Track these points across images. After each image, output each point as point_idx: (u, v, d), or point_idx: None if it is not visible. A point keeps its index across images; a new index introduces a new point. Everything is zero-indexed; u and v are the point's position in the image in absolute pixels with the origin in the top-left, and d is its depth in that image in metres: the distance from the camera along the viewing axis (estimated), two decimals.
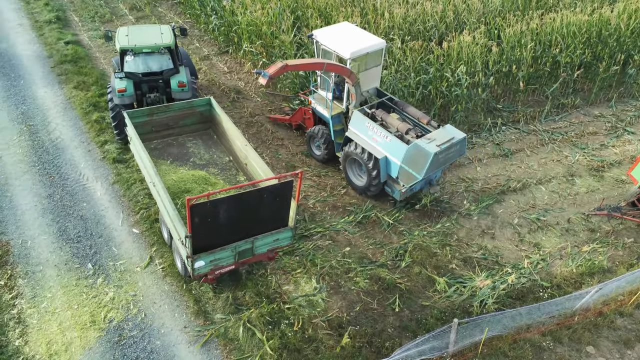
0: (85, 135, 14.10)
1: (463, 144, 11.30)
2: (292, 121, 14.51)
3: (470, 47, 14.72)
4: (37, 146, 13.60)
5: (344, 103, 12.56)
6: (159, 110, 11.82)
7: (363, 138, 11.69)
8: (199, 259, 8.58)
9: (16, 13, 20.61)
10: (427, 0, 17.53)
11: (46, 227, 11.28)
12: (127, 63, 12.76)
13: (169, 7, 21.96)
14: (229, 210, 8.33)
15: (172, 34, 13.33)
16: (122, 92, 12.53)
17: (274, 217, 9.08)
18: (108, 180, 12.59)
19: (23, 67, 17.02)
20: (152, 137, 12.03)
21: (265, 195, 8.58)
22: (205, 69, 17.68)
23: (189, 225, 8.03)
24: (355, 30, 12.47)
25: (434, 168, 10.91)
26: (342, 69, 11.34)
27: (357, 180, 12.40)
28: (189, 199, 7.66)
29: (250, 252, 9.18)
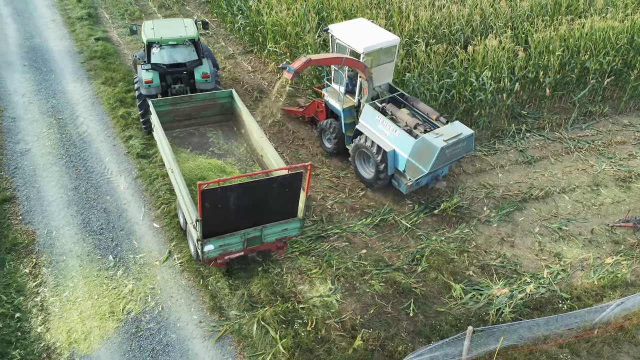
0: (111, 130, 14.43)
1: (470, 141, 11.39)
2: (305, 114, 14.76)
3: (496, 51, 14.52)
4: (65, 139, 13.99)
5: (356, 97, 12.76)
6: (182, 100, 12.24)
7: (373, 131, 11.91)
8: (209, 243, 8.90)
9: (50, 9, 21.23)
10: (454, 4, 17.36)
11: (71, 218, 11.60)
12: (153, 55, 13.23)
13: (197, 6, 22.29)
14: (239, 197, 8.60)
15: (195, 27, 13.80)
16: (149, 82, 12.98)
17: (283, 208, 9.29)
18: (131, 175, 12.87)
19: (54, 62, 17.53)
20: (174, 125, 12.49)
21: (275, 185, 8.81)
22: (229, 67, 17.89)
23: (199, 209, 8.33)
24: (370, 25, 12.68)
25: (440, 163, 11.07)
26: (358, 63, 11.59)
27: (365, 173, 12.62)
28: (200, 184, 7.97)
29: (259, 240, 9.45)
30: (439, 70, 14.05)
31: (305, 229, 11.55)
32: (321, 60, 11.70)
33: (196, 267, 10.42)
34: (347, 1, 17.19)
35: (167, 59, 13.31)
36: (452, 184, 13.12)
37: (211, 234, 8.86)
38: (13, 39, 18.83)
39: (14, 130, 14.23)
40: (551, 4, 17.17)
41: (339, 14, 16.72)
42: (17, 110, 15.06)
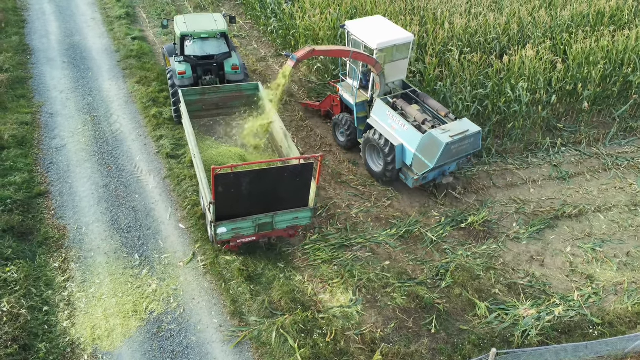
0: (143, 129, 14.70)
1: (477, 138, 11.50)
2: (322, 107, 15.07)
3: (533, 62, 14.09)
4: (99, 137, 14.33)
5: (369, 92, 13.02)
6: (211, 90, 12.80)
7: (383, 125, 12.18)
8: (222, 226, 9.38)
9: (90, 7, 21.83)
10: (491, 11, 16.96)
11: (100, 215, 11.86)
12: (187, 47, 13.85)
13: (232, 7, 22.51)
14: (251, 183, 8.98)
15: (224, 21, 14.52)
16: (182, 74, 13.59)
17: (295, 196, 9.62)
18: (160, 175, 13.07)
19: (92, 60, 18.00)
20: (202, 114, 13.03)
21: (286, 174, 9.14)
22: (261, 69, 17.97)
23: (212, 193, 8.80)
24: (386, 23, 12.97)
25: (445, 158, 11.22)
26: (368, 58, 11.82)
27: (374, 166, 12.91)
28: (214, 168, 8.38)
29: (270, 226, 9.85)
30: (472, 80, 13.72)
31: (329, 237, 11.50)
32: (327, 51, 12.17)
33: (219, 271, 10.49)
34: (381, 7, 17.03)
35: (200, 51, 13.90)
36: (482, 198, 12.82)
37: (224, 218, 9.31)
38: (55, 35, 19.44)
39: (51, 126, 14.66)
40: (593, 14, 16.55)
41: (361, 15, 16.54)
42: (55, 106, 15.52)
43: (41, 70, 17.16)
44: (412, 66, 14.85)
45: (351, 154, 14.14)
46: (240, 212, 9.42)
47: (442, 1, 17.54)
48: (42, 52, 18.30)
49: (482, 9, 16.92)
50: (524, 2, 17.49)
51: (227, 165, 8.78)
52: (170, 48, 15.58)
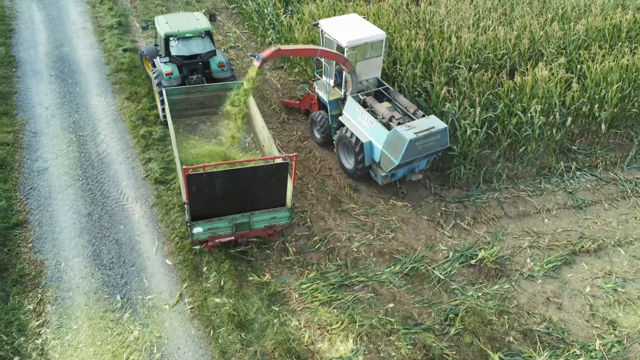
0: (131, 150, 13.83)
1: (444, 135, 11.51)
2: (301, 105, 15.21)
3: (547, 82, 13.20)
4: (84, 159, 13.46)
5: (342, 89, 13.14)
6: (196, 89, 12.91)
7: (353, 123, 12.33)
8: (197, 225, 9.45)
9: (81, 16, 20.96)
10: (500, 25, 16.06)
11: (81, 248, 10.99)
12: (172, 48, 13.79)
13: (228, 16, 21.64)
14: (225, 183, 9.04)
15: (206, 19, 14.57)
16: (170, 74, 13.55)
17: (271, 196, 9.68)
18: (147, 202, 12.20)
19: (81, 73, 17.14)
20: (188, 113, 13.22)
21: (260, 174, 9.18)
22: (257, 84, 17.09)
23: (186, 193, 8.92)
24: (360, 21, 13.08)
25: (411, 155, 11.24)
26: (336, 55, 11.92)
27: (347, 163, 13.01)
28: (186, 169, 8.48)
29: (247, 226, 9.91)
30: (482, 101, 12.80)
31: (328, 274, 10.62)
32: (293, 50, 12.44)
33: (207, 315, 9.62)
34: (384, 19, 16.14)
35: (185, 51, 13.87)
36: (492, 229, 11.93)
37: (200, 217, 9.35)
38: (43, 46, 18.58)
39: (34, 146, 13.80)
40: (609, 28, 15.65)
41: None
42: (39, 125, 14.67)
43: (27, 84, 16.31)
44: (418, 85, 13.97)
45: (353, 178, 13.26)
46: (216, 211, 9.47)
47: (449, 13, 16.66)
48: (29, 64, 17.45)
49: (491, 21, 16.02)
50: (535, 14, 16.60)
51: (199, 166, 8.78)
52: (151, 49, 15.39)
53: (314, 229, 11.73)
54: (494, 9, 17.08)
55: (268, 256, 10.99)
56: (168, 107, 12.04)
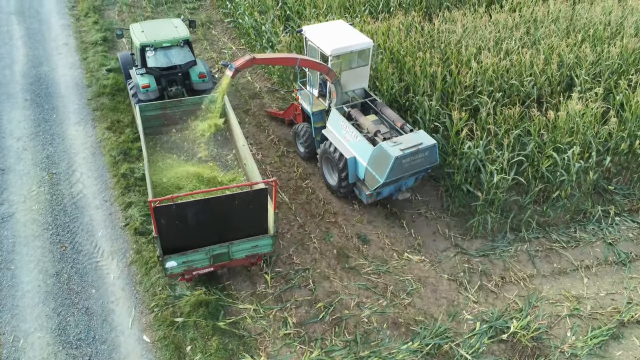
0: (110, 191, 12.21)
1: (433, 152, 10.68)
2: (285, 116, 14.37)
3: (583, 118, 11.56)
4: (56, 203, 11.84)
5: (326, 101, 12.30)
6: (172, 104, 11.97)
7: (337, 137, 11.59)
8: (170, 260, 8.68)
9: (65, 30, 19.33)
10: (525, 47, 14.42)
11: (45, 319, 9.37)
12: (149, 59, 12.90)
13: (223, 30, 20.00)
14: (198, 213, 8.36)
15: (185, 26, 13.64)
16: (146, 87, 12.71)
17: (251, 224, 9.01)
18: (125, 259, 10.58)
19: (59, 97, 15.51)
20: (165, 130, 12.21)
21: (237, 202, 8.49)
22: (254, 110, 15.46)
23: (154, 226, 8.15)
24: (346, 28, 12.26)
25: (397, 173, 10.47)
26: (318, 65, 11.17)
27: (331, 179, 12.24)
28: (151, 201, 7.83)
29: (227, 256, 9.18)
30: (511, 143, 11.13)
31: (334, 354, 8.99)
32: (268, 59, 11.63)
33: None
34: (395, 39, 14.50)
35: (163, 62, 13.01)
36: (524, 292, 10.30)
37: (173, 250, 8.65)
38: (20, 65, 16.96)
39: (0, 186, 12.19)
40: None
41: (385, 57, 14.06)
42: (8, 159, 13.05)
43: None
44: (435, 118, 12.32)
45: (362, 225, 11.65)
46: (190, 243, 8.76)
47: (466, 32, 15.01)
48: (3, 86, 15.85)
49: (514, 42, 14.37)
50: (561, 34, 14.96)
51: (167, 197, 8.09)
52: (126, 58, 14.50)
53: (317, 292, 10.12)
54: (516, 27, 15.43)
55: (264, 329, 9.38)
56: (141, 124, 11.14)
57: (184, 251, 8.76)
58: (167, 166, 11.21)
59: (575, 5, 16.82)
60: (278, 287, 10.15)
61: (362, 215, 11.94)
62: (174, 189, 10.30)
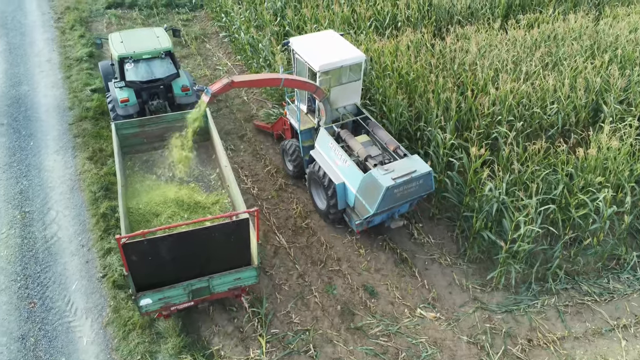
0: (88, 234, 10.97)
1: (428, 179, 9.92)
2: (274, 130, 13.71)
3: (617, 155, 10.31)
4: (27, 248, 10.60)
5: (315, 118, 11.45)
6: (151, 121, 11.31)
7: (325, 159, 10.85)
8: (145, 297, 8.03)
9: (48, 45, 18.09)
10: (546, 69, 13.16)
11: None
12: (127, 72, 12.19)
13: (219, 44, 18.75)
14: (173, 248, 7.80)
15: (167, 36, 12.94)
16: (125, 102, 12.13)
17: (232, 256, 8.44)
18: (101, 318, 9.33)
19: (38, 122, 14.27)
20: (144, 148, 11.58)
21: (216, 234, 7.96)
22: (250, 135, 14.21)
23: (125, 264, 7.54)
24: (336, 40, 11.37)
25: (389, 203, 9.75)
26: (305, 84, 10.27)
27: (320, 202, 11.48)
28: (119, 238, 7.31)
29: (207, 291, 8.55)
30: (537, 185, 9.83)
31: None
32: (249, 82, 10.47)
33: None
34: (404, 59, 13.24)
35: (143, 75, 12.30)
36: (555, 359, 9.04)
37: (147, 287, 8.01)
38: None
39: None
40: None
41: (393, 80, 12.81)
42: None
43: None
44: (450, 152, 11.06)
45: (369, 274, 10.41)
46: (166, 278, 8.10)
47: (481, 51, 13.75)
48: None
49: (534, 64, 13.10)
50: (586, 55, 13.68)
51: (137, 233, 7.52)
52: (107, 68, 13.60)
53: (319, 358, 8.86)
54: (536, 46, 14.17)
55: None
56: (117, 144, 10.54)
57: (160, 287, 8.08)
58: (145, 189, 10.58)
59: (598, 21, 15.56)
60: (274, 353, 8.92)
61: (369, 262, 10.70)
62: (150, 216, 9.72)
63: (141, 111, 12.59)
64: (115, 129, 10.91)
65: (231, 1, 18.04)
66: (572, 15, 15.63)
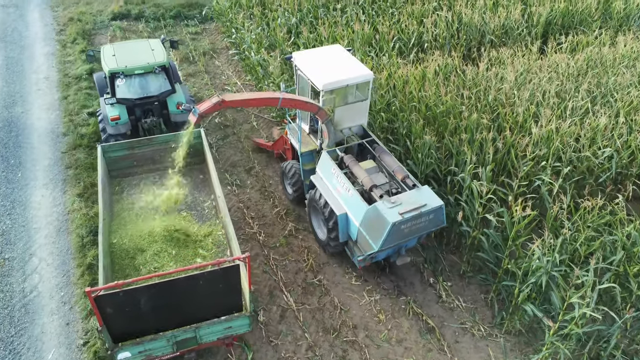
0: (71, 288, 9.72)
1: (439, 214, 8.95)
2: (274, 149, 12.83)
3: None
4: (2, 304, 9.39)
5: (317, 140, 10.62)
6: (141, 143, 10.61)
7: (327, 186, 9.97)
8: (123, 350, 7.29)
9: (47, 60, 16.99)
10: (595, 103, 11.56)
11: None
12: (118, 88, 11.44)
13: (228, 61, 17.46)
14: (153, 299, 7.11)
15: (163, 49, 12.11)
16: (116, 120, 11.41)
17: (221, 304, 7.73)
18: None
19: (29, 149, 13.11)
20: (134, 171, 10.91)
21: (202, 282, 7.26)
22: (257, 168, 12.84)
23: (98, 317, 6.84)
24: (342, 56, 10.47)
25: (395, 239, 8.86)
26: (306, 105, 9.50)
27: (319, 231, 10.60)
28: (89, 291, 6.57)
29: (194, 341, 7.78)
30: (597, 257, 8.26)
31: None
32: (242, 101, 9.14)
33: None
34: (432, 90, 11.75)
35: (135, 92, 11.54)
36: None
37: (125, 337, 7.34)
38: None
39: None
40: None
41: (420, 114, 11.34)
42: None
43: None
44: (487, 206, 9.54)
45: (390, 346, 8.96)
46: (147, 329, 7.42)
47: (519, 80, 12.18)
48: None
49: (580, 97, 11.48)
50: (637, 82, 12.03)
51: (112, 285, 6.79)
52: (102, 80, 12.56)
53: None
54: (581, 73, 12.56)
55: None
56: (101, 170, 9.85)
57: (141, 337, 7.39)
58: (132, 218, 9.89)
59: None
60: None
61: (390, 330, 9.26)
62: (135, 252, 9.05)
63: (134, 129, 11.86)
64: (101, 152, 10.21)
65: (242, 16, 16.69)
66: (622, 37, 13.96)
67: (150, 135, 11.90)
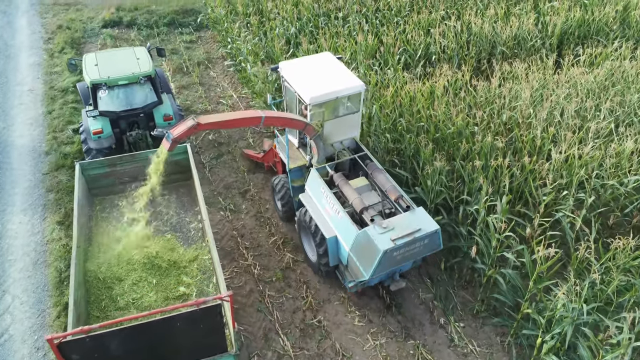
0: (46, 330, 8.84)
1: (435, 238, 8.35)
2: (264, 161, 12.20)
3: None
4: None
5: (306, 155, 10.00)
6: (122, 160, 10.06)
7: (316, 205, 9.37)
8: None
9: (33, 71, 16.13)
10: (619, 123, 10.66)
11: None
12: (101, 100, 10.77)
13: (224, 72, 16.58)
14: (125, 343, 6.50)
15: (149, 58, 11.44)
16: (99, 133, 10.79)
17: (202, 344, 7.07)
18: None
19: (8, 170, 12.25)
20: (116, 190, 10.33)
21: (179, 324, 6.63)
22: (253, 191, 11.96)
23: None
24: (333, 65, 9.82)
25: (387, 267, 8.26)
26: (291, 121, 8.85)
27: (310, 252, 9.96)
28: (51, 339, 5.96)
29: None
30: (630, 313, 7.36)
31: None
32: (220, 123, 8.33)
33: None
34: (441, 110, 10.85)
35: (119, 105, 10.88)
36: None
37: None
38: None
39: None
40: None
41: (429, 135, 10.46)
42: None
43: None
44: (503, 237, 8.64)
45: None
46: None
47: (534, 97, 11.28)
48: None
49: (603, 116, 10.59)
50: None
51: (77, 330, 6.14)
52: (85, 90, 11.69)
53: None
54: (602, 89, 11.65)
55: None
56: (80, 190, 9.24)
57: None
58: (111, 243, 9.19)
59: None
60: None
61: None
62: (112, 281, 8.48)
63: (119, 143, 11.25)
64: (79, 170, 9.61)
65: (238, 25, 15.80)
66: None
67: (136, 149, 11.26)
